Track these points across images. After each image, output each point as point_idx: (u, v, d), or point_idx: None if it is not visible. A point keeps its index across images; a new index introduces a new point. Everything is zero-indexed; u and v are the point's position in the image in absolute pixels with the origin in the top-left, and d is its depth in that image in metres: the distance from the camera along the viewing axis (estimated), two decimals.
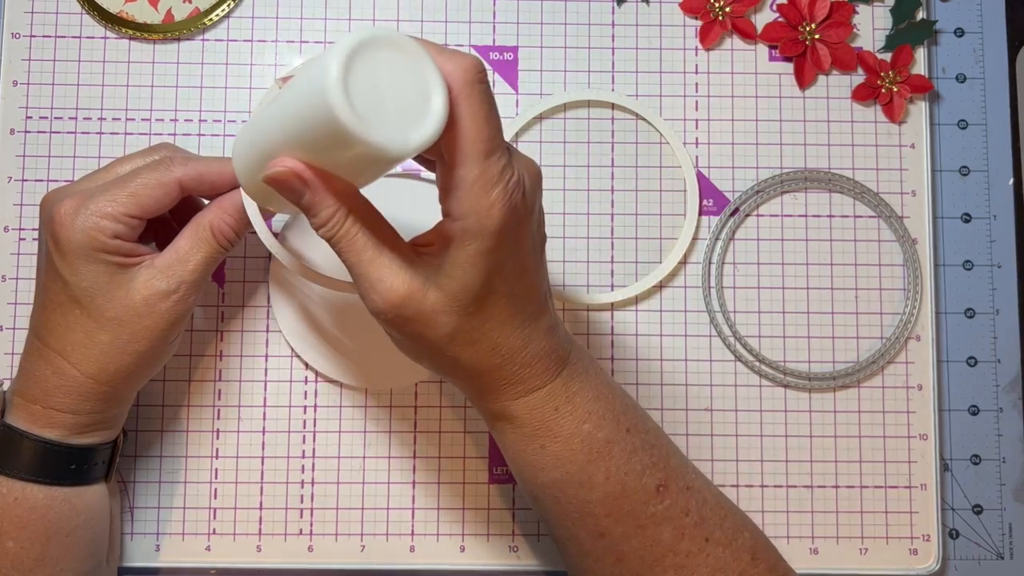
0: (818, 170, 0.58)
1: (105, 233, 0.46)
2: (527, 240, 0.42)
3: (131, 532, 0.55)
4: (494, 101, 0.39)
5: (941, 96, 0.60)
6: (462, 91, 0.38)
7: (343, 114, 0.34)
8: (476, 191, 0.39)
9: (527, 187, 0.40)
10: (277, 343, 0.56)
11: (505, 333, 0.43)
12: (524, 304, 0.43)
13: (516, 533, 0.56)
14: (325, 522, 0.56)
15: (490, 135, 0.38)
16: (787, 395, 0.57)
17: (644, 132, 0.58)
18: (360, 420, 0.56)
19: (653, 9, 0.59)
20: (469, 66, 0.38)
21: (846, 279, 0.58)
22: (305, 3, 0.58)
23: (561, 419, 0.45)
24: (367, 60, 0.35)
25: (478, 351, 0.43)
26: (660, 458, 0.46)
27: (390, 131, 0.36)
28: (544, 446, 0.45)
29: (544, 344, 0.44)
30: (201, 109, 0.58)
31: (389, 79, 0.36)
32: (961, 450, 0.58)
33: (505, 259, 0.41)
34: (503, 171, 0.39)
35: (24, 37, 0.58)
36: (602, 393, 0.46)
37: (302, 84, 0.37)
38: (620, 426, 0.46)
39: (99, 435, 0.49)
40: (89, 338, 0.46)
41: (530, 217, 0.41)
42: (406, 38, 0.36)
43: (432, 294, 0.41)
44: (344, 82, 0.35)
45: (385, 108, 0.36)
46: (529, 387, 0.44)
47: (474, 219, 0.39)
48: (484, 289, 0.41)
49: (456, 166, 0.39)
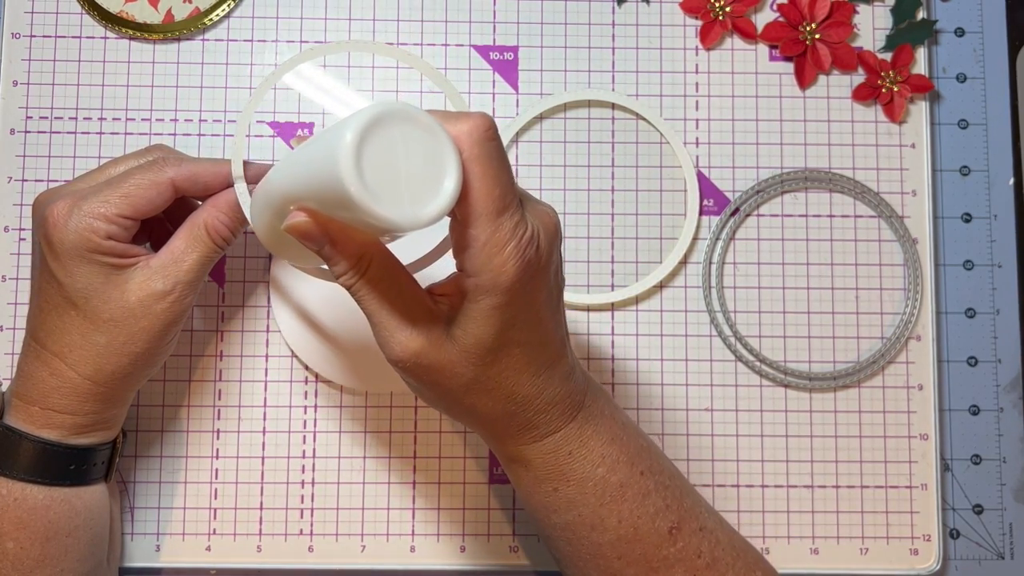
0: (818, 170, 0.58)
1: (99, 234, 0.45)
2: (542, 292, 0.42)
3: (131, 532, 0.55)
4: (506, 158, 0.39)
5: (941, 96, 0.60)
6: (472, 152, 0.38)
7: (354, 189, 0.35)
8: (489, 250, 0.39)
9: (541, 241, 0.40)
10: (277, 343, 0.56)
11: (520, 382, 0.43)
12: (539, 353, 0.43)
13: (516, 533, 0.56)
14: (325, 522, 0.56)
15: (501, 194, 0.38)
16: (787, 395, 0.57)
17: (644, 132, 0.58)
18: (360, 420, 0.56)
19: (653, 9, 0.59)
20: (478, 126, 0.38)
21: (847, 279, 0.58)
22: (305, 3, 0.58)
23: (575, 463, 0.45)
24: (382, 134, 0.36)
25: (493, 399, 0.43)
26: (674, 500, 0.46)
27: (401, 206, 0.36)
28: (557, 489, 0.45)
29: (559, 390, 0.44)
30: (201, 109, 0.58)
31: (403, 153, 0.36)
32: (962, 450, 0.58)
33: (519, 312, 0.41)
34: (516, 228, 0.39)
35: (24, 37, 0.58)
36: (617, 436, 0.46)
37: (319, 150, 0.37)
38: (634, 469, 0.46)
39: (98, 435, 0.49)
40: (85, 340, 0.46)
41: (546, 270, 0.41)
42: (422, 113, 0.37)
43: (448, 346, 0.41)
44: (357, 157, 0.35)
45: (398, 182, 0.36)
46: (543, 432, 0.44)
47: (487, 276, 0.39)
48: (498, 342, 0.41)
49: (469, 225, 0.39)
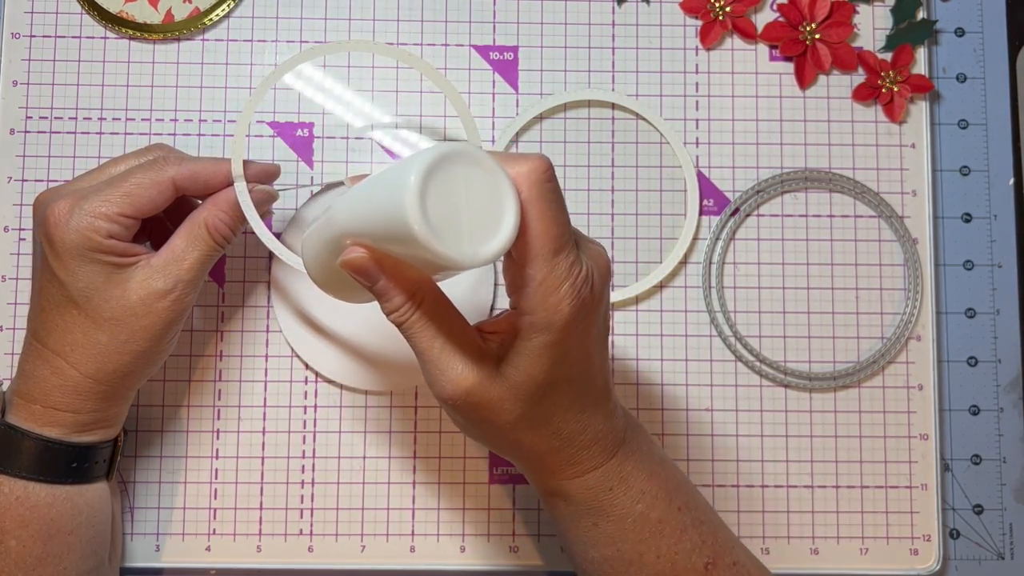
0: (818, 170, 0.58)
1: (100, 233, 0.46)
2: (592, 330, 0.42)
3: (131, 532, 0.55)
4: (562, 200, 0.40)
5: (941, 96, 0.60)
6: (531, 193, 0.38)
7: (418, 228, 0.36)
8: (545, 288, 0.39)
9: (595, 281, 0.41)
10: (277, 343, 0.56)
11: (567, 419, 0.43)
12: (586, 391, 0.44)
13: (516, 533, 0.56)
14: (325, 522, 0.56)
15: (558, 234, 0.39)
16: (787, 395, 0.57)
17: (644, 132, 0.58)
18: (360, 420, 0.56)
19: (653, 9, 0.59)
20: (536, 168, 0.39)
21: (847, 279, 0.58)
22: (305, 3, 0.58)
23: (615, 499, 0.45)
24: (445, 173, 0.37)
25: (539, 435, 0.43)
26: (709, 535, 0.47)
27: (462, 244, 0.37)
28: (596, 524, 0.46)
29: (602, 427, 0.45)
30: (201, 109, 0.58)
31: (465, 192, 0.37)
32: (962, 450, 0.58)
33: (570, 350, 0.41)
34: (571, 267, 0.40)
35: (24, 37, 0.58)
36: (655, 472, 0.46)
37: (383, 188, 0.38)
38: (672, 505, 0.46)
39: (100, 433, 0.49)
40: (87, 338, 0.46)
41: (597, 309, 0.42)
42: (484, 154, 0.37)
43: (498, 383, 0.41)
44: (422, 196, 0.36)
45: (459, 221, 0.37)
46: (585, 468, 0.45)
47: (542, 315, 0.40)
48: (548, 379, 0.41)
49: (526, 264, 0.39)
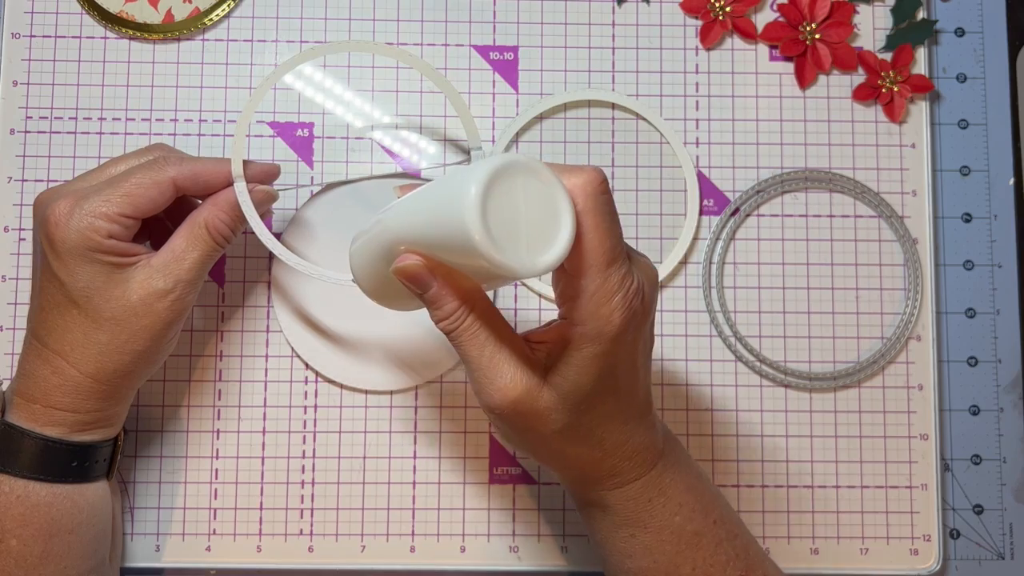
0: (819, 170, 0.58)
1: (100, 233, 0.46)
2: (640, 343, 0.43)
3: (131, 532, 0.55)
4: (615, 211, 0.40)
5: (942, 96, 0.60)
6: (586, 204, 0.39)
7: (478, 237, 0.36)
8: (597, 299, 0.40)
9: (646, 293, 0.41)
10: (277, 343, 0.56)
11: (611, 429, 0.44)
12: (631, 402, 0.44)
13: (516, 533, 0.56)
14: (325, 522, 0.56)
15: (612, 246, 0.39)
16: (788, 395, 0.57)
17: (644, 132, 0.58)
18: (360, 420, 0.56)
19: (653, 9, 0.59)
20: (591, 180, 0.39)
21: (847, 279, 0.58)
22: (305, 3, 0.58)
23: (654, 510, 0.45)
24: (505, 184, 0.37)
25: (583, 445, 0.44)
26: (741, 549, 0.47)
27: (520, 254, 0.37)
28: (634, 535, 0.46)
29: (644, 439, 0.45)
30: (201, 109, 0.58)
31: (523, 203, 0.37)
32: (962, 450, 0.58)
33: (619, 361, 0.42)
34: (623, 279, 0.40)
35: (24, 37, 0.58)
36: (693, 485, 0.47)
37: (439, 199, 0.39)
38: (708, 518, 0.46)
39: (100, 432, 0.49)
40: (87, 338, 0.46)
41: (646, 321, 0.42)
42: (542, 165, 0.38)
43: (546, 393, 0.42)
44: (483, 207, 0.36)
45: (517, 231, 0.37)
46: (626, 479, 0.45)
47: (593, 325, 0.40)
48: (595, 389, 0.42)
49: (579, 276, 0.40)
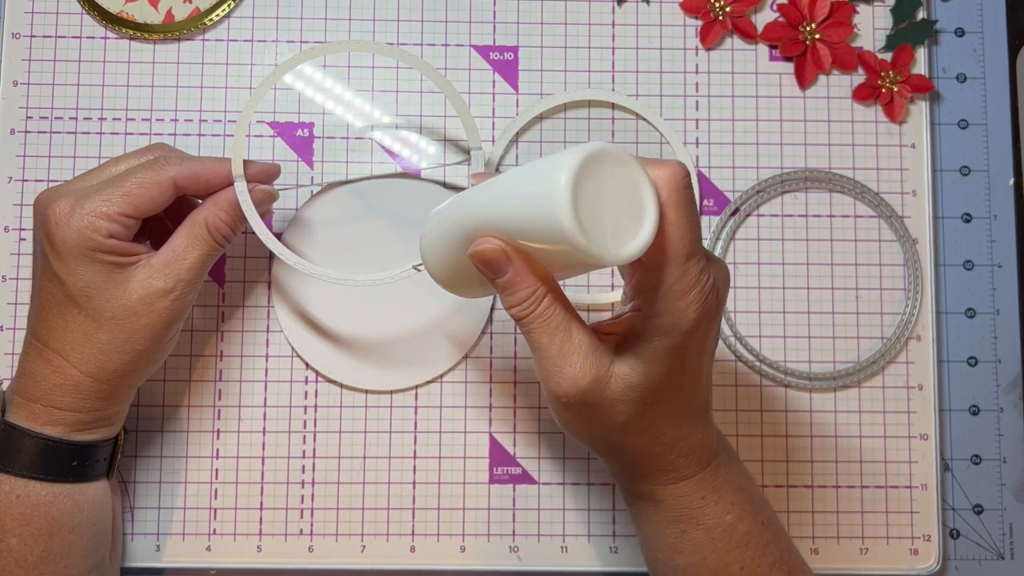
0: (818, 170, 0.58)
1: (100, 233, 0.46)
2: (709, 340, 0.43)
3: (131, 532, 0.55)
4: (696, 206, 0.40)
5: (941, 96, 0.60)
6: (669, 197, 0.39)
7: (568, 224, 0.36)
8: (674, 293, 0.40)
9: (720, 290, 0.41)
10: (277, 343, 0.56)
11: (672, 424, 0.44)
12: (692, 398, 0.44)
13: (516, 533, 0.56)
14: (325, 522, 0.56)
15: (692, 239, 0.40)
16: (788, 395, 0.57)
17: (644, 132, 0.58)
18: (360, 420, 0.56)
19: (653, 9, 0.59)
20: (675, 173, 0.39)
21: (847, 279, 0.58)
22: (305, 3, 0.58)
23: (706, 508, 0.46)
24: (594, 172, 0.37)
25: (644, 439, 0.44)
26: (785, 552, 0.47)
27: (605, 242, 0.37)
28: (685, 531, 0.46)
29: (701, 436, 0.45)
30: (201, 109, 0.58)
31: (610, 191, 0.38)
32: (962, 450, 0.58)
33: (688, 356, 0.42)
34: (700, 274, 0.40)
35: (24, 37, 0.58)
36: (743, 486, 0.47)
37: (528, 185, 0.39)
38: (757, 519, 0.47)
39: (100, 432, 0.49)
40: (88, 338, 0.46)
41: (717, 318, 0.43)
42: (626, 154, 0.38)
43: (614, 383, 0.42)
44: (573, 192, 0.36)
45: (603, 219, 0.37)
46: (681, 475, 0.45)
47: (668, 318, 0.40)
48: (663, 382, 0.42)
49: (657, 268, 0.40)
